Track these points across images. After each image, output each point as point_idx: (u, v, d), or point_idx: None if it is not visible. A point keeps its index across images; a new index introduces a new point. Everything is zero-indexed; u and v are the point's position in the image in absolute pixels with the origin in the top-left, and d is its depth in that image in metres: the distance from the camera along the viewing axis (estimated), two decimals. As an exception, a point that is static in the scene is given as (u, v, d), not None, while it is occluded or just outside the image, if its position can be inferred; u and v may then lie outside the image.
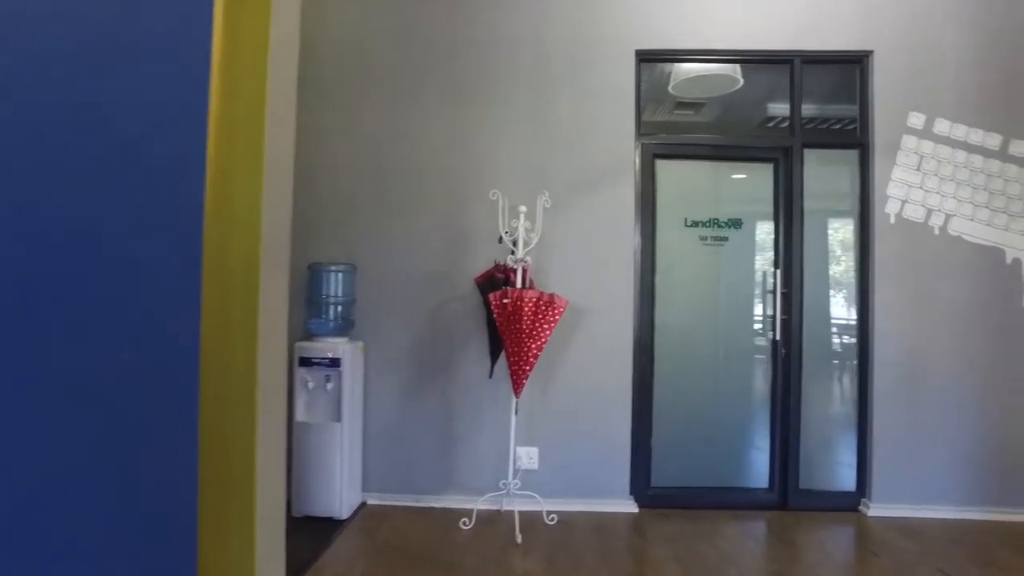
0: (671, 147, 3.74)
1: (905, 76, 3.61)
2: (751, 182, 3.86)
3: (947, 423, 3.53)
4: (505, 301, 3.08)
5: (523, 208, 3.26)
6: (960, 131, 3.60)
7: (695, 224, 3.77)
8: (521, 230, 3.25)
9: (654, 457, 3.64)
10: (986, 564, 2.89)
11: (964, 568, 2.85)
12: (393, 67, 3.68)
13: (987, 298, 3.57)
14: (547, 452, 3.53)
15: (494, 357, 3.45)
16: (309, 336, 3.41)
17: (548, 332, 3.09)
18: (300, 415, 3.30)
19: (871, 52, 3.62)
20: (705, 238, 3.78)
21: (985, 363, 3.55)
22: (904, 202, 3.58)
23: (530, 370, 3.08)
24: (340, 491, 3.27)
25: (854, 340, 3.68)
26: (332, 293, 3.43)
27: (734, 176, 3.87)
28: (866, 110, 3.66)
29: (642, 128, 3.71)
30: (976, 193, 3.59)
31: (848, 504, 3.59)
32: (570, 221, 3.59)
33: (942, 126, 3.59)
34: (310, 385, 3.30)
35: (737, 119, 3.86)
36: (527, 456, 3.52)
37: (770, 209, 3.76)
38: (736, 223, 3.77)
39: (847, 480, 3.64)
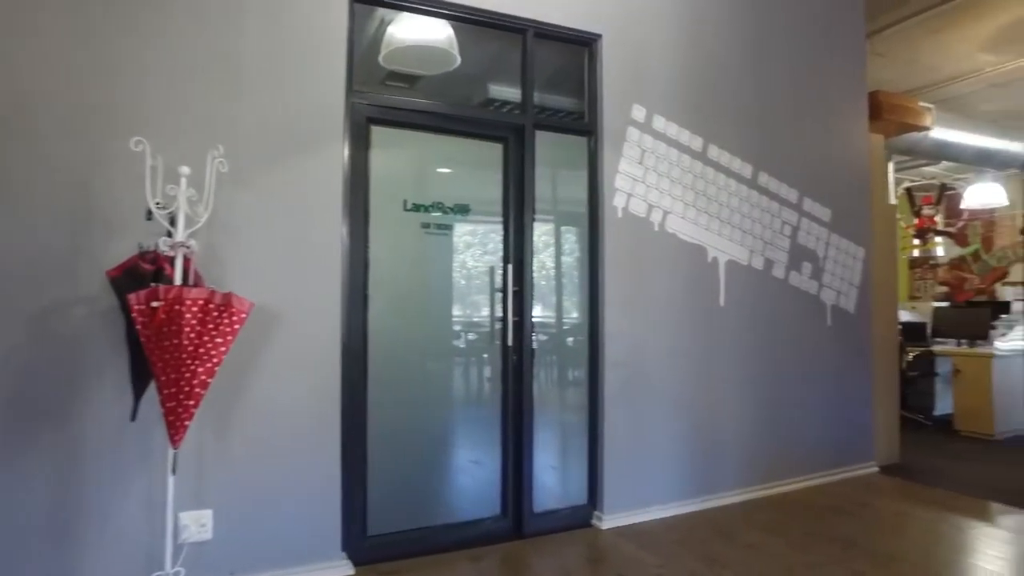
0: (389, 111, 3.04)
1: (629, 66, 3.49)
2: (482, 163, 3.38)
3: (665, 420, 3.51)
4: (154, 304, 2.04)
5: (185, 170, 2.23)
6: (673, 129, 3.61)
7: (417, 208, 3.14)
8: (182, 201, 2.22)
9: (371, 498, 2.90)
10: (711, 562, 2.83)
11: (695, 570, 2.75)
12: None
13: (695, 295, 3.65)
14: (226, 514, 2.53)
15: (139, 389, 2.32)
16: None
17: (224, 348, 2.14)
18: None
19: (600, 36, 3.42)
20: (428, 225, 3.18)
21: (693, 358, 3.62)
22: (630, 196, 3.45)
23: (195, 406, 2.08)
24: None
25: (586, 341, 3.45)
26: None
27: (462, 154, 3.34)
28: (595, 97, 3.45)
29: (355, 85, 2.94)
30: (686, 192, 3.64)
31: (582, 519, 3.33)
32: (258, 196, 2.64)
33: (659, 122, 3.56)
34: None
35: (456, 99, 3.31)
36: (196, 524, 2.47)
37: (500, 194, 3.32)
38: (463, 209, 3.24)
39: (580, 493, 3.39)
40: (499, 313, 3.26)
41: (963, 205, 8.55)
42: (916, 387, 5.98)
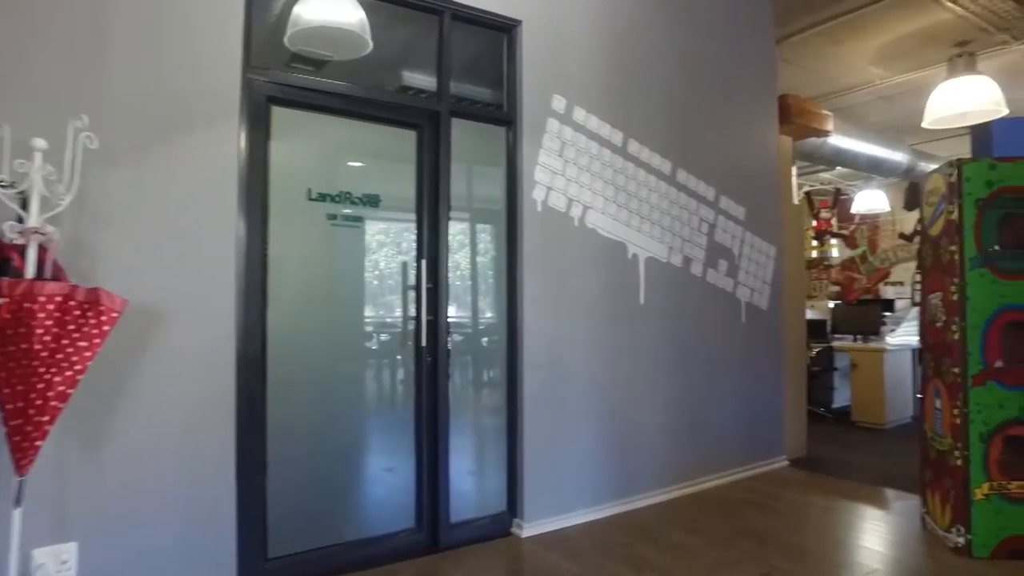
0: (293, 91, 2.76)
1: (550, 55, 3.37)
2: (394, 153, 3.15)
3: (586, 422, 3.41)
4: (-2, 302, 1.70)
5: (40, 143, 1.90)
6: (593, 122, 3.52)
7: (323, 198, 2.88)
8: (36, 180, 1.88)
9: (272, 517, 2.62)
10: (634, 566, 2.74)
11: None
12: None
13: (616, 293, 3.57)
14: (95, 547, 2.18)
15: (-20, 402, 1.96)
16: None
17: (89, 353, 1.82)
18: None
19: (520, 23, 3.28)
20: (335, 217, 2.92)
21: (615, 357, 3.55)
22: (549, 189, 3.33)
23: (50, 423, 1.76)
24: None
25: (504, 341, 3.30)
26: None
27: (373, 142, 3.10)
28: (514, 86, 3.30)
29: (253, 59, 2.64)
30: (606, 187, 3.56)
31: (502, 528, 3.16)
32: (136, 178, 2.30)
33: (579, 114, 3.46)
34: None
35: (367, 85, 3.05)
36: (56, 561, 2.10)
37: (413, 184, 3.11)
38: (373, 200, 3.01)
39: (499, 501, 3.22)
40: (412, 312, 3.05)
41: (853, 210, 9.10)
42: (818, 381, 6.23)
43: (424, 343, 3.02)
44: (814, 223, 9.53)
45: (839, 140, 6.60)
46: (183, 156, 2.40)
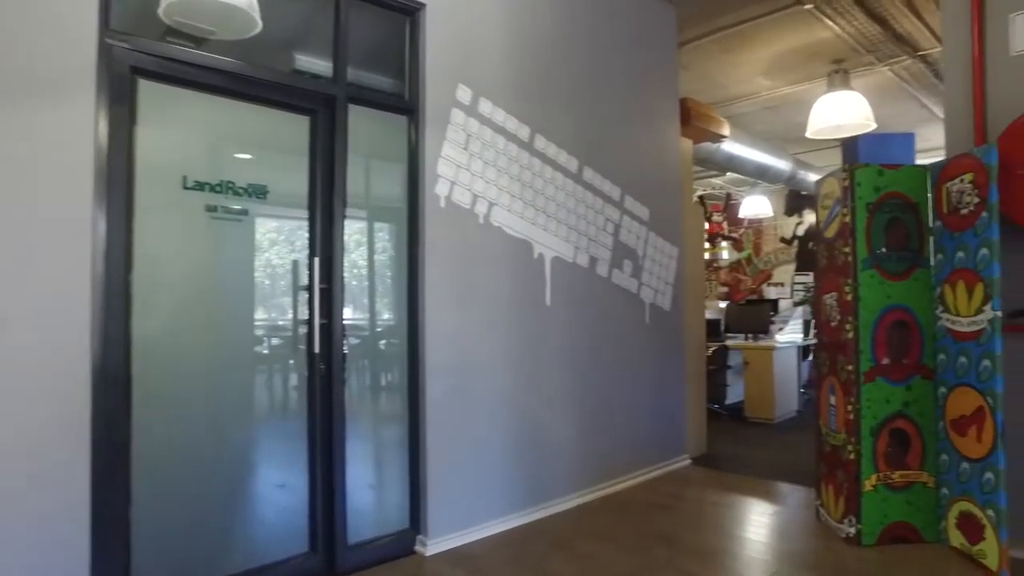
0: (164, 64, 2.42)
1: (456, 42, 3.20)
2: (285, 141, 2.87)
3: (494, 428, 3.27)
4: None
5: None
6: (500, 116, 3.39)
7: (200, 187, 2.56)
8: None
9: (141, 553, 2.27)
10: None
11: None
12: None
13: (522, 294, 3.46)
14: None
15: None
16: None
17: None
18: None
19: (423, 6, 3.09)
20: (215, 208, 2.60)
21: (522, 360, 3.43)
22: (454, 184, 3.16)
23: None
24: None
25: (405, 345, 3.09)
26: None
27: (261, 128, 2.80)
28: (417, 73, 3.10)
29: (114, 22, 2.28)
30: (512, 184, 3.44)
31: (404, 546, 2.95)
32: (-41, 156, 1.92)
33: (485, 106, 3.32)
34: None
35: (254, 64, 2.75)
36: None
37: (305, 175, 2.85)
38: (260, 191, 2.71)
39: (402, 517, 3.01)
40: (304, 315, 2.78)
41: (741, 214, 9.58)
42: (713, 379, 6.44)
43: (317, 348, 2.77)
44: (707, 226, 9.93)
45: (731, 146, 6.88)
46: (20, 132, 2.02)
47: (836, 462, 3.12)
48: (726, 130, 5.38)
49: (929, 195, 3.03)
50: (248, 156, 2.76)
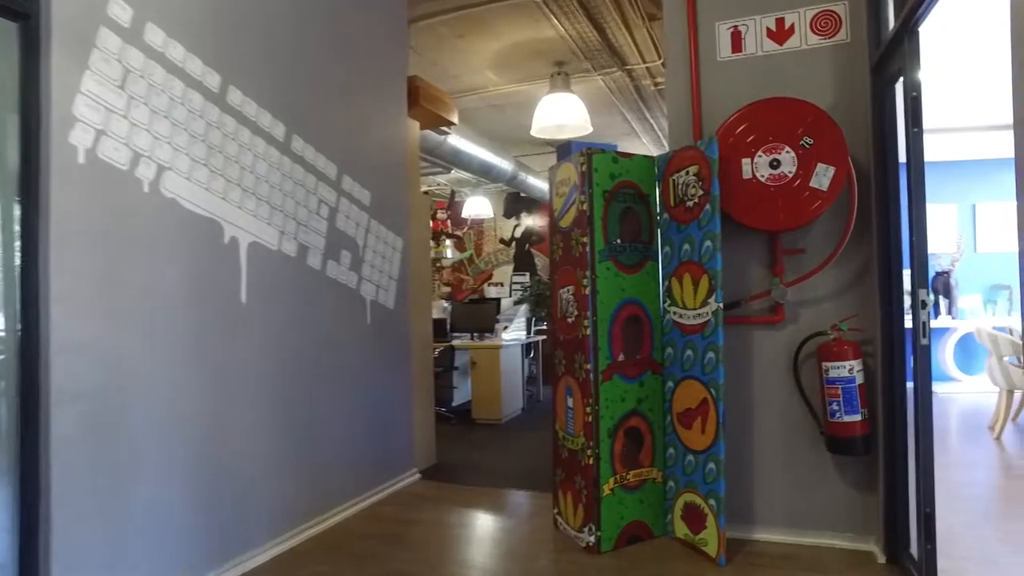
0: None
1: (101, -67, 2.27)
2: None
3: (161, 469, 2.40)
4: None
5: None
6: (178, 52, 2.54)
7: None
8: None
9: None
10: None
11: None
12: None
13: (206, 288, 2.65)
14: None
15: None
16: None
17: None
18: None
19: None
20: None
21: (203, 375, 2.61)
22: (102, 133, 2.23)
23: None
24: None
25: (15, 360, 2.07)
26: None
27: None
28: (35, -38, 2.12)
29: None
30: (194, 144, 2.61)
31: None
32: None
33: (155, 35, 2.44)
34: None
35: None
36: None
37: None
38: None
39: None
40: None
41: (464, 214, 9.59)
42: (440, 381, 6.15)
43: None
44: (431, 223, 9.74)
45: (458, 141, 6.71)
46: None
47: (575, 467, 2.94)
48: (455, 116, 5.10)
49: (657, 187, 3.02)
50: None
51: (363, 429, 3.61)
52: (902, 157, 2.39)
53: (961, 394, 6.75)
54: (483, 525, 3.33)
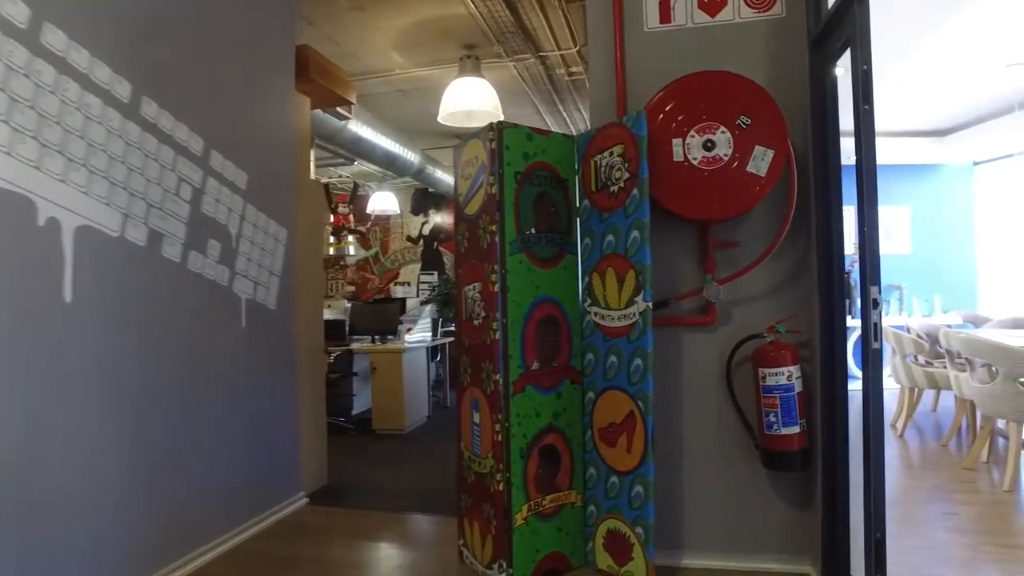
0: None
1: None
2: None
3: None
4: None
5: None
6: (-40, -31, 1.92)
7: None
8: None
9: None
10: None
11: None
12: None
13: (15, 284, 2.04)
14: None
15: None
16: None
17: None
18: None
19: None
20: None
21: (14, 400, 2.01)
22: None
23: None
24: None
25: None
26: None
27: None
28: None
29: None
30: (-10, 94, 2.00)
31: None
32: None
33: (-79, -58, 1.82)
34: None
35: None
36: None
37: None
38: None
39: None
40: None
41: (368, 209, 8.99)
42: (337, 389, 5.58)
43: None
44: (332, 218, 9.07)
45: (359, 128, 6.16)
46: None
47: (482, 493, 2.53)
48: (353, 96, 4.57)
49: (577, 170, 2.66)
50: None
51: (237, 449, 3.04)
52: (844, 142, 2.15)
53: (860, 391, 6.89)
54: (377, 560, 2.86)
